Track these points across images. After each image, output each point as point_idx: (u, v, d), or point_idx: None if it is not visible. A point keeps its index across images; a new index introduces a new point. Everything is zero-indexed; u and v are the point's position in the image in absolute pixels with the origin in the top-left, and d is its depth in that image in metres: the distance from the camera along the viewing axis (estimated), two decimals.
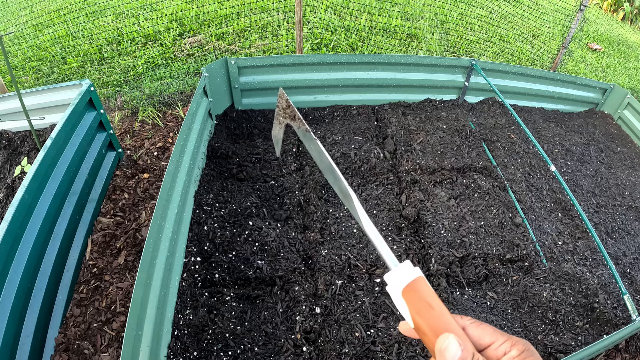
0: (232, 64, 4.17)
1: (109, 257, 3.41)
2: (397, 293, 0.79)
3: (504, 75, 5.08)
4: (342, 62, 4.51)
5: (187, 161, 3.27)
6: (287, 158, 3.98)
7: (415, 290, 0.77)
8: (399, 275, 0.79)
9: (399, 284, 0.79)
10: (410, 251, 3.30)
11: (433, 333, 0.73)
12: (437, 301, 0.76)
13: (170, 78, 5.52)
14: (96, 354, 2.87)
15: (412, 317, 0.77)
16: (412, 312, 0.77)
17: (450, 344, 0.70)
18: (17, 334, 2.60)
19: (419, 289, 0.77)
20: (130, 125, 4.80)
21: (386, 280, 0.82)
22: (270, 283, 3.00)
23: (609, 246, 3.91)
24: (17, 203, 2.63)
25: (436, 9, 7.49)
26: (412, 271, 0.79)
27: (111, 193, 3.87)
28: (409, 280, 0.78)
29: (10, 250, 2.58)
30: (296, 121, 1.01)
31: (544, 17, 8.05)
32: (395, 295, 0.79)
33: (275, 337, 2.70)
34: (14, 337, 2.55)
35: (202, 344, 2.63)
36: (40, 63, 6.01)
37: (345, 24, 6.56)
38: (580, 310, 3.16)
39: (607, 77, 7.63)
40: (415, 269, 0.79)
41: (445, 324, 0.74)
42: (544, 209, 4.06)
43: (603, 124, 5.67)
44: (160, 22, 6.45)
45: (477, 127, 4.76)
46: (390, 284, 0.80)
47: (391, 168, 4.06)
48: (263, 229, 3.24)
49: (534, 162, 4.56)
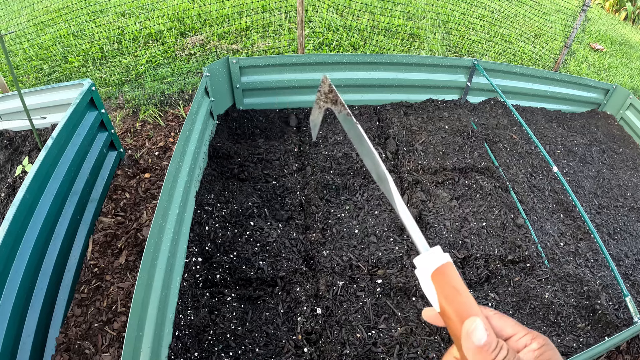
0: (234, 64, 4.16)
1: (110, 257, 3.41)
2: (426, 276, 0.80)
3: (506, 76, 5.07)
4: (344, 61, 4.50)
5: (189, 161, 3.27)
6: (288, 158, 3.97)
7: (444, 275, 0.78)
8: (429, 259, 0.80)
9: (429, 267, 0.79)
10: (412, 252, 3.29)
11: (459, 318, 0.75)
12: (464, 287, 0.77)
13: (172, 77, 5.51)
14: (97, 353, 2.86)
15: (439, 301, 0.78)
16: (440, 296, 0.78)
17: (478, 327, 0.71)
18: (18, 333, 2.60)
19: (448, 274, 0.78)
20: (132, 124, 4.80)
21: (416, 263, 0.82)
22: (271, 284, 2.99)
23: (611, 247, 3.90)
24: (18, 203, 2.62)
25: (438, 8, 7.48)
26: (442, 256, 0.80)
27: (112, 193, 3.86)
28: (439, 264, 0.79)
29: (12, 250, 2.58)
30: (337, 105, 1.02)
31: (546, 17, 8.04)
32: (424, 278, 0.80)
33: (276, 337, 2.69)
34: (15, 337, 2.55)
35: (203, 345, 2.63)
36: (42, 62, 6.01)
37: (347, 23, 6.55)
38: (582, 312, 3.15)
39: (609, 78, 7.61)
40: (445, 255, 0.80)
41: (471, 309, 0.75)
42: (545, 210, 4.05)
43: (605, 125, 5.66)
44: (161, 21, 6.45)
45: (479, 127, 4.75)
46: (420, 267, 0.81)
47: (393, 168, 4.05)
48: (264, 229, 3.23)
49: (536, 162, 4.55)
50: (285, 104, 4.72)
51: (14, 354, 2.53)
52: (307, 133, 4.41)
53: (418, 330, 2.82)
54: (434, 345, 2.75)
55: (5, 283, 2.51)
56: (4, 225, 2.50)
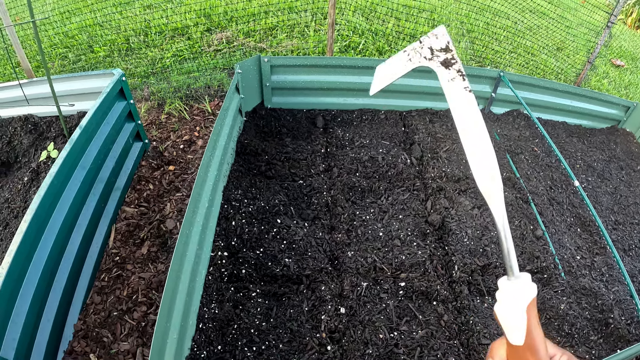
0: (265, 62, 4.20)
1: (131, 247, 3.42)
2: (520, 306, 0.74)
3: (530, 88, 5.07)
4: (373, 66, 4.50)
5: (219, 156, 3.29)
6: (315, 159, 4.00)
7: (534, 307, 0.75)
8: (524, 288, 0.75)
9: (525, 297, 0.75)
10: (434, 257, 3.31)
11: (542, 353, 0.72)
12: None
13: (198, 72, 5.54)
14: (115, 342, 2.86)
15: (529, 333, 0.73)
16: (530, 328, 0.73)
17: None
18: (38, 318, 2.62)
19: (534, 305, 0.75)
20: (157, 117, 4.83)
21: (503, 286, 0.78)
22: (296, 281, 3.01)
23: (626, 263, 3.91)
24: (45, 188, 2.64)
25: (463, 17, 7.49)
26: (533, 286, 0.76)
27: (136, 183, 3.88)
28: (534, 295, 0.75)
29: (37, 235, 2.61)
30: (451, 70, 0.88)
31: (567, 31, 8.04)
32: (517, 307, 0.74)
33: (300, 335, 2.71)
34: (35, 321, 2.57)
35: (226, 339, 2.65)
36: (67, 50, 6.06)
37: (372, 27, 6.57)
38: (595, 325, 3.18)
39: (629, 95, 7.59)
40: (534, 284, 0.76)
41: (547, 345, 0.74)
42: (564, 223, 4.06)
43: (624, 142, 5.66)
44: (188, 16, 6.49)
45: (502, 138, 4.76)
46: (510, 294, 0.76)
47: (417, 174, 4.07)
48: (291, 227, 3.25)
49: (556, 176, 4.56)
50: (313, 105, 4.75)
51: (33, 338, 2.55)
52: (333, 134, 4.44)
53: (438, 334, 2.84)
54: (453, 350, 2.77)
55: (29, 267, 2.54)
56: (30, 209, 2.52)
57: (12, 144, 4.33)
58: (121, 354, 2.82)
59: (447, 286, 3.17)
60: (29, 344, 2.50)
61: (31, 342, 2.53)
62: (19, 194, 3.90)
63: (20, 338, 2.39)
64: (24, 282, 2.48)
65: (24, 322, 2.42)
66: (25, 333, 2.43)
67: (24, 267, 2.49)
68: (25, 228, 2.45)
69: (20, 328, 2.40)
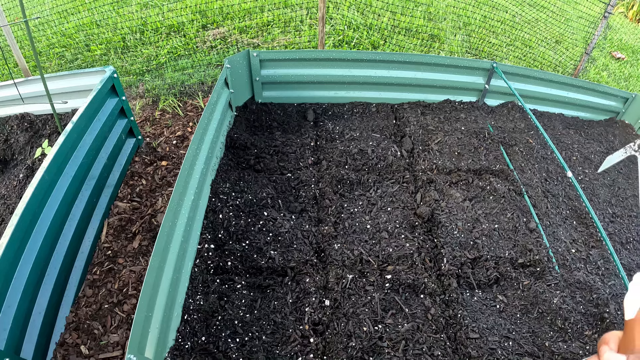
0: (254, 57, 4.20)
1: (123, 241, 3.46)
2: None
3: (525, 80, 5.04)
4: (364, 59, 4.51)
5: (206, 150, 3.31)
6: (304, 152, 4.00)
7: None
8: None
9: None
10: (422, 250, 3.30)
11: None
12: None
13: (192, 69, 5.57)
14: (105, 334, 2.91)
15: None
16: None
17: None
18: (29, 310, 2.65)
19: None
20: (151, 113, 4.86)
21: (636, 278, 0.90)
22: (281, 273, 3.03)
23: (623, 257, 3.87)
24: (36, 182, 2.68)
25: (459, 10, 7.45)
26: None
27: (129, 179, 3.91)
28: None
29: (28, 228, 2.64)
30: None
31: (567, 23, 7.98)
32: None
33: (283, 326, 2.72)
34: (26, 314, 2.61)
35: (210, 329, 2.66)
36: (64, 49, 6.10)
37: (367, 22, 6.56)
38: (590, 320, 3.13)
39: (629, 87, 7.52)
40: None
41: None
42: (558, 216, 4.03)
43: (623, 134, 5.60)
44: (184, 13, 6.51)
45: (496, 130, 4.73)
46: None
47: (408, 166, 4.06)
48: (277, 220, 3.26)
49: (551, 168, 4.53)
50: (304, 99, 4.75)
51: (24, 329, 2.59)
52: (324, 128, 4.45)
53: (425, 327, 2.82)
54: (439, 343, 2.75)
55: (20, 260, 2.57)
56: (21, 203, 2.55)
57: (9, 141, 4.38)
58: (110, 346, 2.86)
59: (435, 279, 3.16)
60: (20, 336, 2.53)
61: (22, 333, 2.56)
62: (14, 190, 3.95)
63: (12, 329, 2.42)
64: (14, 275, 2.51)
65: (14, 314, 2.46)
66: (16, 325, 2.46)
67: (15, 259, 2.52)
68: (16, 221, 2.48)
69: (11, 320, 2.43)
